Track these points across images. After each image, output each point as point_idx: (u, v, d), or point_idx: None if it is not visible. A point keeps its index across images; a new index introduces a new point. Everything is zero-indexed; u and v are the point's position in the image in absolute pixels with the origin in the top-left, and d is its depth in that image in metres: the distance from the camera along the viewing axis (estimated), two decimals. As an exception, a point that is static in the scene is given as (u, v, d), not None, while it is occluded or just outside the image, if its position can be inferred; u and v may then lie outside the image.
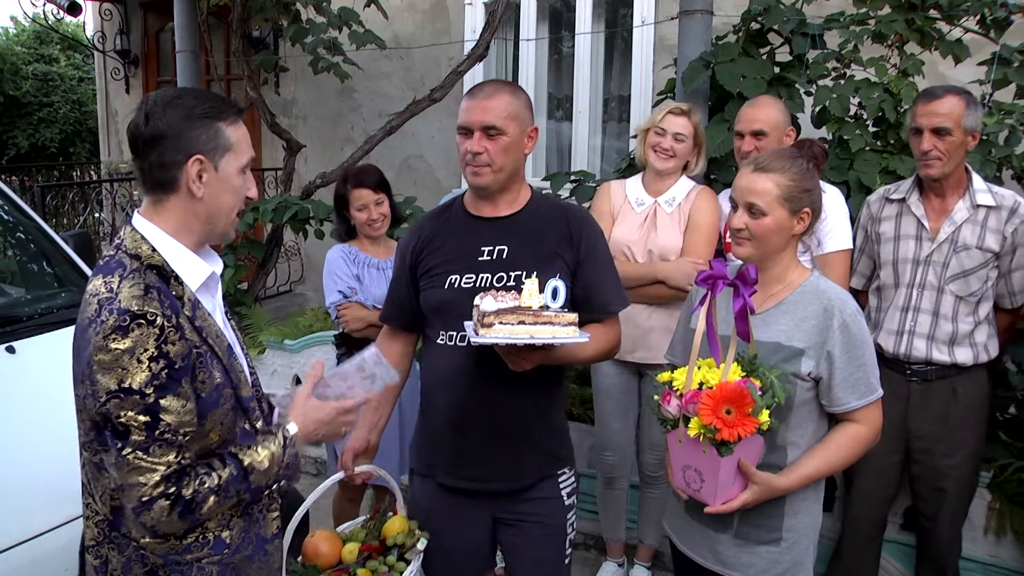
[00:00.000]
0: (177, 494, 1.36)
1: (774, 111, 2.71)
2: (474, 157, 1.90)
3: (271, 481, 1.49)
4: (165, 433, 1.35)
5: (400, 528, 2.04)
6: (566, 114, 6.06)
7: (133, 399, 1.32)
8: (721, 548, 1.88)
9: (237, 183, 1.49)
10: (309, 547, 2.02)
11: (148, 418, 1.33)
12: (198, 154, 1.42)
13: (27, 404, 2.33)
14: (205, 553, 1.46)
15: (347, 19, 5.10)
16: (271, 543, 1.59)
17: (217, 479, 1.41)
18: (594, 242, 2.00)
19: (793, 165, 1.80)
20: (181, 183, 1.43)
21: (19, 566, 2.03)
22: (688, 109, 2.86)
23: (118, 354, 1.31)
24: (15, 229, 3.21)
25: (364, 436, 2.10)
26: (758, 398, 1.64)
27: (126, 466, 1.34)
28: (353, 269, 2.93)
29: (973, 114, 2.38)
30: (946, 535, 2.58)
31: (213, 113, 1.44)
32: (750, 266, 1.72)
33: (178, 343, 1.36)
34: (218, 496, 1.41)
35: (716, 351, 1.75)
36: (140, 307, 1.33)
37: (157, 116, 1.41)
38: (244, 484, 1.44)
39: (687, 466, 1.77)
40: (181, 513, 1.37)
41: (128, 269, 1.40)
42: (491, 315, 1.70)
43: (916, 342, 2.48)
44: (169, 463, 1.35)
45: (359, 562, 1.98)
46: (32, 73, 12.82)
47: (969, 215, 2.43)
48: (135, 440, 1.33)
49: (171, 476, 1.36)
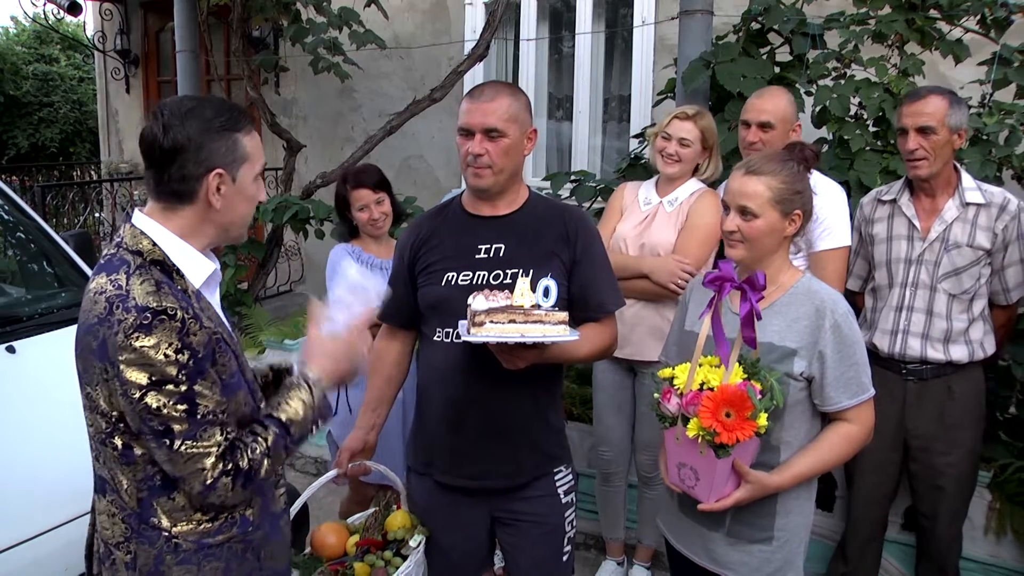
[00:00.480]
0: (235, 467, 1.41)
1: (783, 103, 2.68)
2: (475, 159, 1.91)
3: (309, 426, 1.55)
4: (207, 416, 1.38)
5: (402, 523, 2.05)
6: (566, 114, 6.06)
7: (168, 389, 1.35)
8: (714, 546, 1.90)
9: (253, 192, 1.52)
10: (317, 537, 2.05)
11: (187, 405, 1.36)
12: (219, 168, 1.43)
13: (27, 404, 2.34)
14: (234, 533, 1.50)
15: (347, 19, 5.11)
16: (281, 519, 1.63)
17: (265, 443, 1.46)
18: (590, 242, 2.00)
19: (784, 168, 1.82)
20: (199, 195, 1.44)
21: (20, 566, 2.03)
22: (695, 113, 2.81)
23: (144, 351, 1.33)
24: (15, 229, 3.22)
25: (362, 436, 2.11)
26: (757, 401, 1.65)
27: (181, 458, 1.38)
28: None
29: (957, 113, 2.40)
30: (946, 534, 2.58)
31: (231, 125, 1.45)
32: (759, 272, 1.73)
33: (199, 333, 1.39)
34: (271, 458, 1.46)
35: (724, 352, 1.75)
36: (159, 303, 1.35)
37: (176, 128, 1.41)
38: (288, 439, 1.50)
39: (683, 464, 1.79)
40: (244, 483, 1.43)
41: (133, 266, 1.40)
42: (482, 314, 1.71)
43: (911, 341, 2.48)
44: (219, 443, 1.40)
45: (358, 555, 1.99)
46: (32, 73, 12.82)
47: (959, 213, 2.44)
48: (180, 431, 1.37)
49: (224, 453, 1.40)
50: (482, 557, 2.14)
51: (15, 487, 2.13)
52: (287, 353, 4.35)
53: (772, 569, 1.87)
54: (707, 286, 1.79)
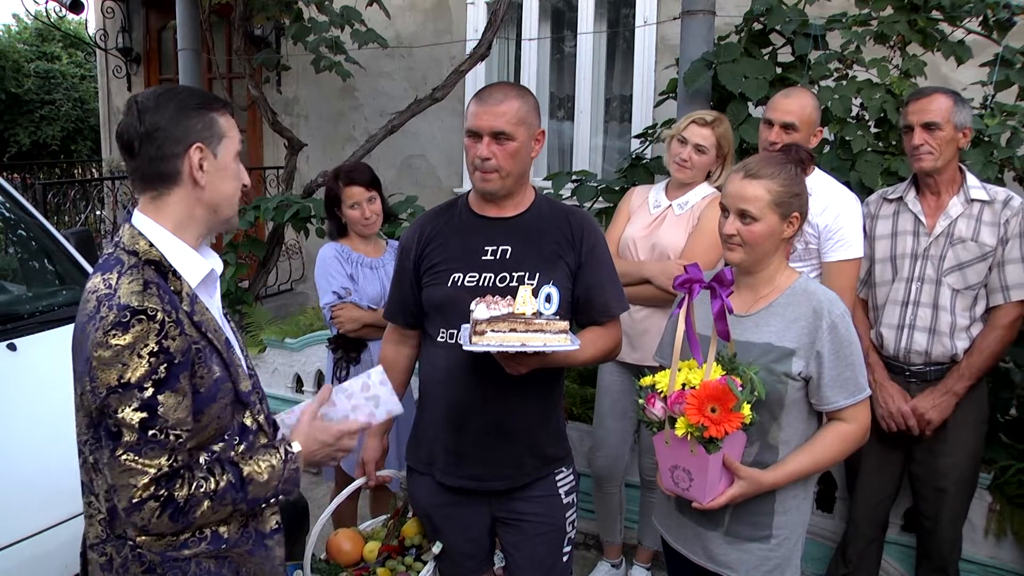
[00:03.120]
0: (168, 496, 1.36)
1: (809, 106, 2.63)
2: (483, 162, 1.91)
3: (269, 494, 1.50)
4: (158, 435, 1.35)
5: (419, 529, 2.10)
6: (568, 114, 6.06)
7: (131, 393, 1.33)
8: (712, 545, 1.91)
9: (234, 168, 1.51)
10: (333, 545, 2.09)
11: (145, 415, 1.33)
12: (198, 142, 1.44)
13: (28, 401, 2.33)
14: (203, 549, 1.46)
15: (349, 18, 5.11)
16: (271, 538, 1.59)
17: (214, 484, 1.41)
18: (595, 245, 2.01)
19: (783, 171, 1.84)
20: (183, 174, 1.44)
21: (20, 563, 2.03)
22: (713, 120, 2.76)
23: (119, 350, 1.32)
24: (16, 226, 3.22)
25: (379, 444, 2.17)
26: (739, 393, 1.67)
27: (118, 467, 1.35)
28: (347, 268, 2.89)
29: (962, 111, 2.41)
30: (946, 536, 2.58)
31: (205, 104, 1.47)
32: (726, 269, 1.76)
33: (178, 338, 1.36)
34: (213, 502, 1.41)
35: (696, 352, 1.77)
36: (140, 303, 1.34)
37: (151, 112, 1.42)
38: (241, 494, 1.45)
39: (675, 466, 1.80)
40: (172, 515, 1.38)
41: (126, 265, 1.40)
42: (483, 323, 1.71)
43: (917, 336, 2.48)
44: (160, 466, 1.35)
45: (379, 561, 2.02)
46: (34, 71, 12.83)
47: (964, 209, 2.45)
48: (127, 441, 1.34)
49: (161, 479, 1.36)
50: (482, 557, 2.14)
51: (16, 484, 2.13)
52: (288, 352, 4.35)
53: (770, 567, 1.88)
54: (677, 289, 1.81)
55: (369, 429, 2.13)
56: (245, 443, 1.53)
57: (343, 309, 2.85)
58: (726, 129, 2.80)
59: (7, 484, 2.11)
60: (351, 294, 2.87)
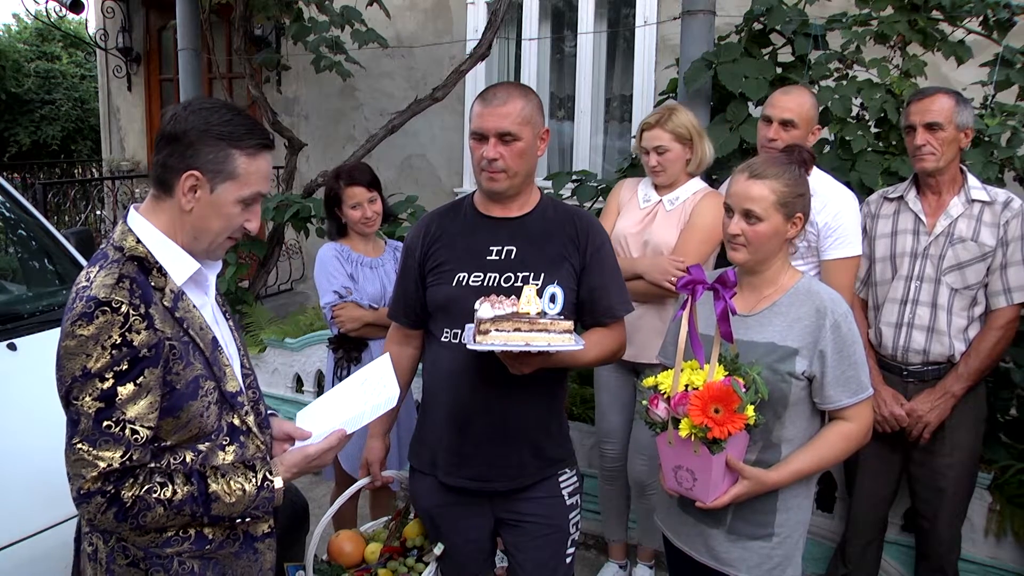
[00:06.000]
0: (115, 494, 1.36)
1: (808, 103, 2.65)
2: (490, 163, 1.91)
3: (235, 515, 1.48)
4: (112, 427, 1.34)
5: (420, 531, 2.10)
6: (568, 114, 6.06)
7: (92, 383, 1.34)
8: (714, 543, 1.91)
9: (231, 211, 1.47)
10: (334, 546, 2.09)
11: (102, 404, 1.34)
12: (196, 169, 1.42)
13: (28, 401, 2.33)
14: (186, 548, 1.47)
15: (349, 18, 5.11)
16: (261, 542, 1.58)
17: (171, 493, 1.39)
18: (600, 246, 2.01)
19: (787, 171, 1.85)
20: (175, 191, 1.45)
21: (19, 563, 2.03)
22: (658, 119, 2.74)
23: (83, 340, 1.33)
24: (16, 226, 3.22)
25: (381, 445, 2.17)
26: (743, 394, 1.68)
27: (72, 455, 1.36)
28: (347, 268, 2.89)
29: (964, 112, 2.42)
30: (946, 536, 2.58)
31: (231, 137, 1.43)
32: (729, 269, 1.77)
33: (144, 332, 1.36)
34: (167, 510, 1.40)
35: (699, 353, 1.78)
36: (107, 295, 1.35)
37: (181, 119, 1.43)
38: (203, 508, 1.43)
39: (678, 467, 1.80)
40: (117, 514, 1.37)
41: (109, 260, 1.41)
42: (487, 322, 1.71)
43: (915, 334, 2.49)
44: (110, 461, 1.34)
45: (380, 562, 2.02)
46: (34, 70, 12.84)
47: (964, 209, 2.46)
48: (82, 428, 1.34)
49: (111, 474, 1.35)
50: (484, 558, 2.14)
51: (16, 484, 2.13)
52: (288, 352, 4.35)
53: (772, 565, 1.89)
54: (680, 290, 1.81)
55: (370, 430, 2.14)
56: (236, 443, 1.53)
57: (344, 308, 2.85)
58: (676, 119, 2.73)
59: (7, 484, 2.11)
60: (352, 293, 2.87)
